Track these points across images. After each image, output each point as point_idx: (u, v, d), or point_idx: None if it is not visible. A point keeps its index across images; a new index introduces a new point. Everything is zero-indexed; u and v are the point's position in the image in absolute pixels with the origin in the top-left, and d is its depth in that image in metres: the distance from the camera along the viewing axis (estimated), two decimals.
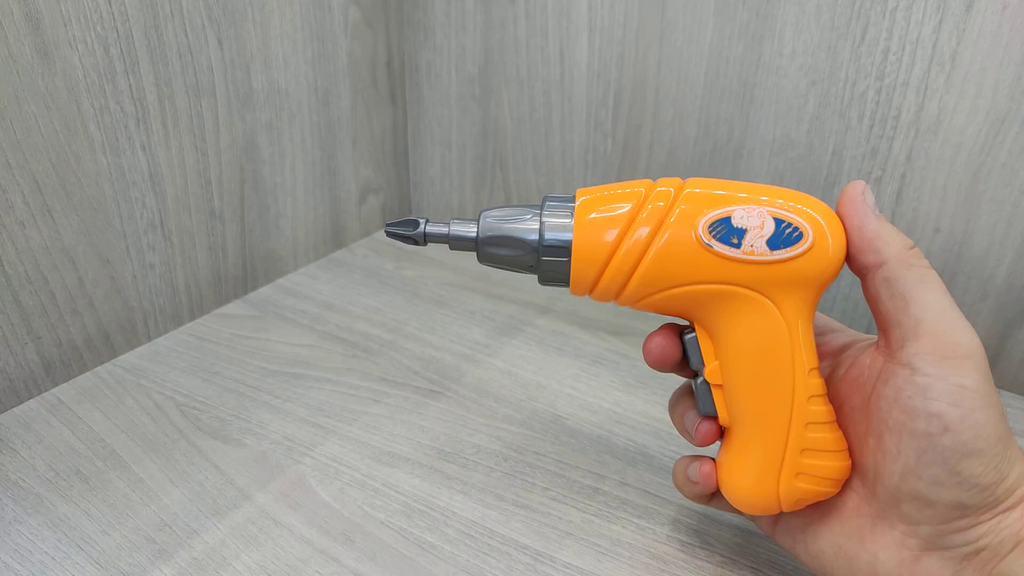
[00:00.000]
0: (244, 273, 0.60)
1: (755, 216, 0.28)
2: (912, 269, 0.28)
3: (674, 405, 0.35)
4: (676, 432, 0.33)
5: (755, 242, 0.28)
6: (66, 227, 0.46)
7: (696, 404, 0.33)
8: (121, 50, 0.46)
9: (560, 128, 0.63)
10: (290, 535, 0.37)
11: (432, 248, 0.69)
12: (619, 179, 0.61)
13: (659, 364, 0.33)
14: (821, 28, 0.48)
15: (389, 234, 0.33)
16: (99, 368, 0.50)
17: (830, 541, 0.30)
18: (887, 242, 0.28)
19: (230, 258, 0.58)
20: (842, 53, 0.48)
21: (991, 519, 0.26)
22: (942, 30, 0.45)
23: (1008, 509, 0.26)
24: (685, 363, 0.33)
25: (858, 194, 0.29)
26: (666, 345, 0.32)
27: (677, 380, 0.46)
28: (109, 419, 0.45)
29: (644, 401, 0.48)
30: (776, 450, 0.30)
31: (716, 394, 0.31)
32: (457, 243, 0.31)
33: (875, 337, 0.31)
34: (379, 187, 0.72)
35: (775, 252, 0.28)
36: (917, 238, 0.50)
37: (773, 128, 0.53)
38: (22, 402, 0.46)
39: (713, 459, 0.33)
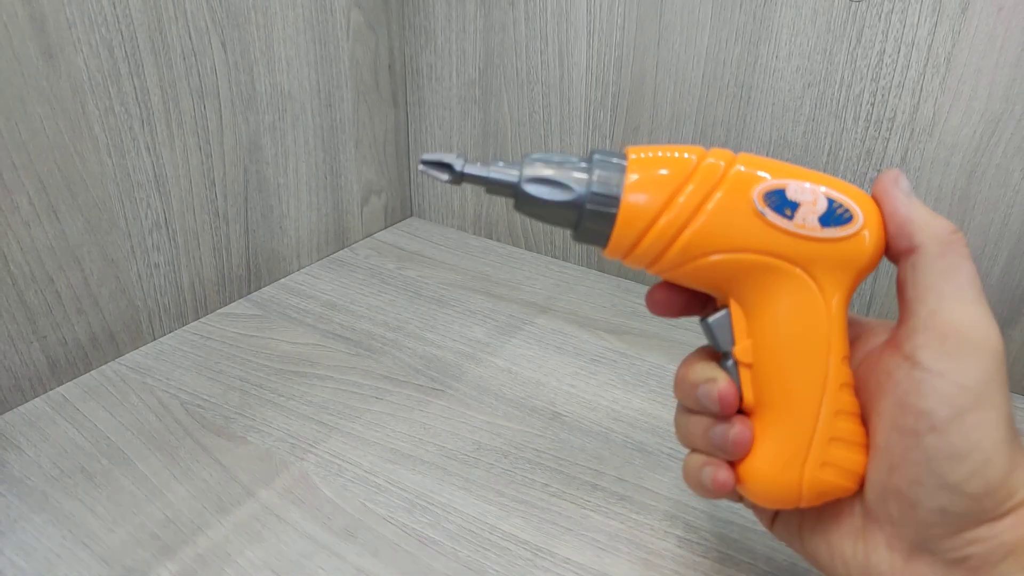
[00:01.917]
0: (248, 273, 0.61)
1: (808, 192, 0.27)
2: (944, 258, 0.26)
3: (686, 424, 0.32)
4: (672, 428, 0.32)
5: (807, 217, 0.27)
6: (71, 227, 0.46)
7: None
8: (125, 52, 0.47)
9: (559, 130, 0.63)
10: (293, 531, 0.38)
11: (433, 248, 0.70)
12: None
13: (664, 309, 0.31)
14: (817, 31, 0.49)
15: (425, 165, 0.29)
16: (104, 367, 0.51)
17: (825, 539, 0.29)
18: (920, 228, 0.27)
19: (234, 258, 0.59)
20: (838, 55, 0.49)
21: (979, 527, 0.25)
22: (937, 32, 0.45)
23: (998, 517, 0.25)
24: (690, 304, 0.32)
25: (891, 181, 0.28)
26: (670, 293, 0.31)
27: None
28: (114, 417, 0.46)
29: (642, 399, 0.49)
30: (804, 436, 0.28)
31: (743, 375, 0.30)
32: (495, 186, 0.29)
33: (888, 322, 0.30)
34: (381, 188, 0.73)
35: (826, 229, 0.27)
36: None
37: (769, 130, 0.53)
38: (27, 400, 0.47)
39: (730, 464, 0.30)
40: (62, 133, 0.44)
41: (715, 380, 0.29)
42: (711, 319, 0.30)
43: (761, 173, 0.28)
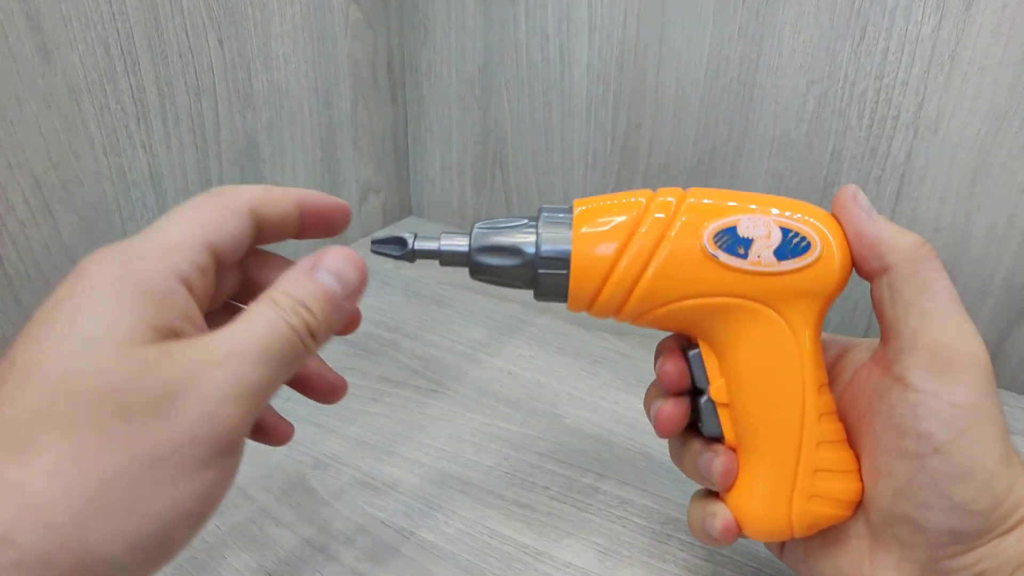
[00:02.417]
0: None
1: (761, 225, 0.27)
2: (918, 275, 0.26)
3: (679, 453, 0.32)
4: None
5: (762, 252, 0.27)
6: (67, 226, 0.46)
7: (701, 429, 0.31)
8: (122, 50, 0.46)
9: (560, 128, 0.63)
10: (290, 534, 0.37)
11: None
12: (619, 178, 0.62)
13: (675, 387, 0.30)
14: (820, 28, 0.48)
15: (376, 252, 0.31)
16: None
17: (832, 564, 0.29)
18: (890, 247, 0.26)
19: None
20: (841, 53, 0.48)
21: (987, 543, 0.25)
22: (941, 29, 0.45)
23: (1006, 532, 0.25)
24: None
25: (849, 199, 0.28)
26: (677, 366, 0.30)
27: None
28: None
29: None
30: (787, 472, 0.28)
31: (722, 414, 0.30)
32: (448, 258, 0.30)
33: (869, 341, 0.30)
34: (379, 187, 0.72)
35: (783, 262, 0.27)
36: None
37: (772, 128, 0.53)
38: None
39: (730, 514, 0.30)
40: (57, 131, 0.44)
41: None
42: (691, 353, 0.30)
43: (711, 213, 0.27)
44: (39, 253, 0.45)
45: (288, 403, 0.47)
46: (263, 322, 0.23)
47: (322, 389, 0.31)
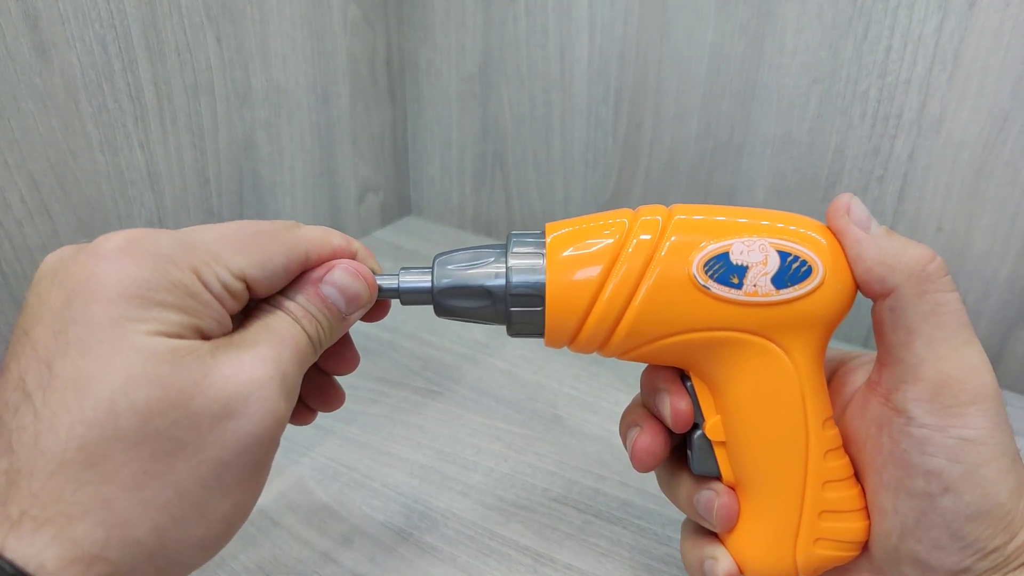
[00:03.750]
0: None
1: (756, 250, 0.24)
2: (924, 297, 0.24)
3: (669, 485, 0.30)
4: None
5: (759, 281, 0.24)
6: (64, 226, 0.46)
7: (691, 465, 0.28)
8: (119, 48, 0.46)
9: (560, 126, 0.62)
10: (288, 536, 0.37)
11: (431, 247, 0.69)
12: (620, 177, 0.61)
13: (687, 426, 0.28)
14: (823, 26, 0.48)
15: None
16: None
17: None
18: (891, 268, 0.24)
19: None
20: (844, 51, 0.48)
21: None
22: (944, 28, 0.44)
23: (1019, 567, 0.23)
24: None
25: (841, 215, 0.25)
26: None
27: None
28: None
29: None
30: (791, 514, 0.26)
31: (719, 451, 0.27)
32: (409, 296, 0.27)
33: (863, 355, 0.28)
34: (378, 186, 0.72)
35: (782, 291, 0.24)
36: (919, 238, 0.50)
37: (775, 126, 0.53)
38: None
39: (730, 556, 0.28)
40: (55, 130, 0.44)
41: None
42: (688, 384, 0.28)
43: (700, 235, 0.25)
44: (36, 252, 0.45)
45: None
46: (288, 326, 0.24)
47: (325, 398, 0.32)
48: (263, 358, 0.22)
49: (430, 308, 0.28)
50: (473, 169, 0.70)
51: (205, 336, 0.22)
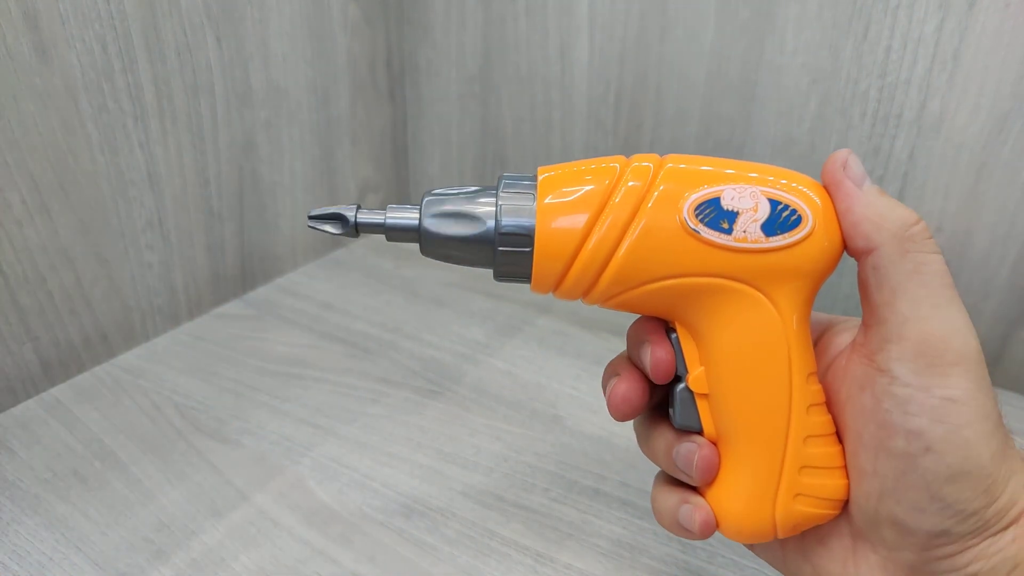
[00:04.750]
0: (242, 273, 0.60)
1: (747, 197, 0.24)
2: (908, 256, 0.24)
3: (648, 439, 0.29)
4: None
5: (748, 227, 0.24)
6: (64, 226, 0.46)
7: (672, 418, 0.28)
8: (119, 48, 0.46)
9: (560, 126, 0.63)
10: (289, 536, 0.37)
11: None
12: None
13: (668, 376, 0.28)
14: (823, 26, 0.48)
15: (314, 221, 0.27)
16: (97, 368, 0.50)
17: (811, 563, 0.27)
18: (877, 225, 0.24)
19: (228, 258, 0.58)
20: (844, 51, 0.48)
21: (981, 542, 0.23)
22: (944, 28, 0.44)
23: (1000, 531, 0.23)
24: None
25: (837, 168, 0.25)
26: (669, 353, 0.27)
27: None
28: (107, 419, 0.45)
29: None
30: (772, 468, 0.26)
31: (701, 404, 0.27)
32: (395, 233, 0.26)
33: (849, 320, 0.28)
34: (378, 186, 0.72)
35: (771, 239, 0.24)
36: None
37: (774, 127, 0.53)
38: (20, 402, 0.46)
39: (707, 504, 0.28)
40: (55, 131, 0.44)
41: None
42: (672, 336, 0.28)
43: (691, 181, 0.25)
44: (36, 253, 0.45)
45: (286, 404, 0.47)
46: None
47: None
48: None
49: (430, 308, 0.28)
50: (473, 169, 0.70)
51: None
